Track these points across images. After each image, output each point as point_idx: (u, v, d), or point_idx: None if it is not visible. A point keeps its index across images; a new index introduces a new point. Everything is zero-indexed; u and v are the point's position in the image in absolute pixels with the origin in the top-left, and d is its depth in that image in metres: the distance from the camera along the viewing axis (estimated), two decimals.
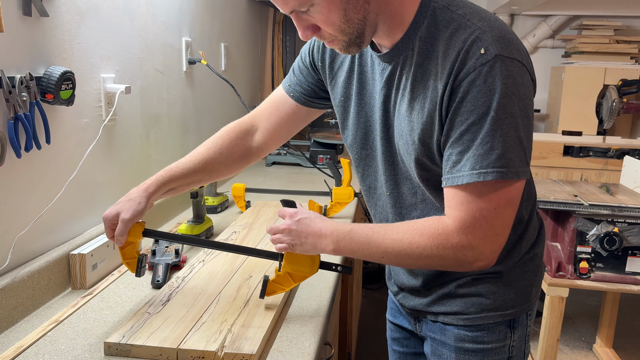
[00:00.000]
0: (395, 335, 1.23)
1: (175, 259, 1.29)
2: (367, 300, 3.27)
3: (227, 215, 1.81)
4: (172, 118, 1.82)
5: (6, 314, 1.02)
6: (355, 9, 0.82)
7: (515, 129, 0.79)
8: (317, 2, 0.81)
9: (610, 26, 3.65)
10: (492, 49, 0.78)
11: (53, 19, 1.16)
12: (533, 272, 1.02)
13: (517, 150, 0.80)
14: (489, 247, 0.85)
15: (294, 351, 0.95)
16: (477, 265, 0.87)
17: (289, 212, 0.99)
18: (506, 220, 0.84)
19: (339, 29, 0.84)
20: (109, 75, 1.38)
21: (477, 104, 0.79)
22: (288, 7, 0.83)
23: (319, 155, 2.60)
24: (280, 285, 1.03)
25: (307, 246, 0.96)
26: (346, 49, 0.88)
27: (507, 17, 3.92)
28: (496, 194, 0.81)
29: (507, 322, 1.00)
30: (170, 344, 0.91)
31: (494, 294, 0.98)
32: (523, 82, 0.80)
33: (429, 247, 0.86)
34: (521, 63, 0.80)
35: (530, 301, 1.02)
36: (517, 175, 0.81)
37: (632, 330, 2.96)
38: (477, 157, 0.80)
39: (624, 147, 3.34)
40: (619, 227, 1.90)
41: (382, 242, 0.89)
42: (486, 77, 0.78)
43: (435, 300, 1.02)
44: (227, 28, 2.38)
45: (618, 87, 3.45)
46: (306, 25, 0.86)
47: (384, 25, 0.88)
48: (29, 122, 1.05)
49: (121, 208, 1.00)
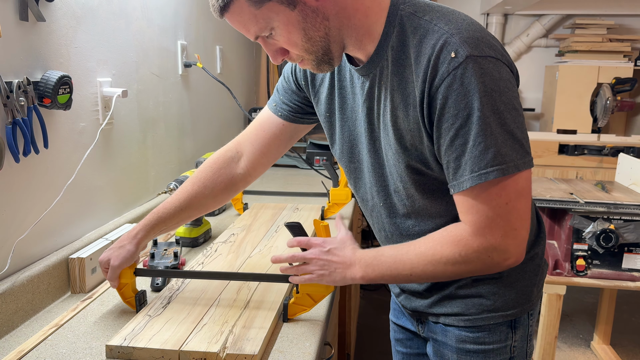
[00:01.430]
0: (398, 336, 1.23)
1: (174, 261, 1.29)
2: (366, 301, 3.28)
3: (224, 217, 1.82)
4: (168, 121, 1.82)
5: (6, 318, 1.02)
6: (314, 27, 0.83)
7: (503, 124, 0.79)
8: (276, 26, 0.83)
9: (603, 25, 3.68)
10: (462, 50, 0.78)
11: (50, 23, 1.16)
12: (533, 272, 1.02)
13: (511, 144, 0.80)
14: (512, 243, 0.84)
15: (295, 351, 0.95)
16: (507, 264, 0.85)
17: (316, 242, 0.96)
18: (521, 213, 0.83)
19: (303, 48, 0.86)
20: (105, 79, 1.39)
21: (460, 108, 0.79)
22: (251, 33, 0.86)
23: (315, 157, 2.60)
24: (301, 306, 1.04)
25: (336, 276, 0.95)
26: (318, 68, 0.90)
27: (501, 17, 3.95)
28: (503, 190, 0.81)
29: (508, 323, 1.00)
30: (172, 346, 0.91)
31: (494, 295, 0.98)
32: (501, 76, 0.80)
33: (453, 256, 0.85)
34: (495, 58, 0.80)
35: (531, 301, 1.02)
36: (517, 168, 0.80)
37: (629, 327, 2.98)
38: (474, 160, 0.80)
39: (618, 144, 3.36)
40: (614, 224, 1.91)
41: (408, 259, 0.89)
42: (462, 80, 0.78)
43: (435, 302, 1.02)
44: (222, 31, 2.39)
45: (612, 85, 3.48)
46: (274, 50, 0.88)
47: (351, 39, 0.88)
48: (27, 126, 1.05)
49: (111, 255, 1.06)
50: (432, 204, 0.94)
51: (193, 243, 1.51)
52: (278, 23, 0.83)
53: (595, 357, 2.63)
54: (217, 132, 2.35)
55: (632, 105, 3.63)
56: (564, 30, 3.96)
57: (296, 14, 0.82)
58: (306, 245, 0.97)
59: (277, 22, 0.83)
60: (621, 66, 3.53)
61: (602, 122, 3.53)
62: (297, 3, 0.81)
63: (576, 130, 3.56)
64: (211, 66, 2.25)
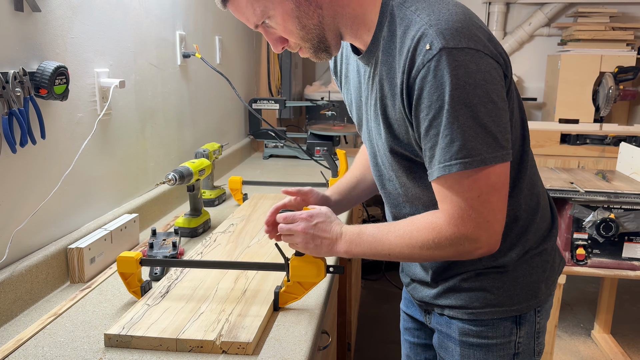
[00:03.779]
0: (407, 325, 1.23)
1: (173, 251, 1.29)
2: (367, 291, 3.29)
3: (224, 208, 1.82)
4: (167, 112, 1.82)
5: (5, 307, 1.02)
6: (308, 15, 0.87)
7: (474, 117, 0.78)
8: (272, 15, 0.88)
9: (606, 13, 3.64)
10: (437, 42, 0.78)
11: (45, 14, 1.16)
12: (541, 268, 1.00)
13: (482, 138, 0.79)
14: (484, 234, 0.85)
15: (291, 339, 0.95)
16: (478, 253, 0.87)
17: (302, 216, 0.98)
18: (494, 206, 0.84)
19: (298, 36, 0.90)
20: (102, 70, 1.38)
21: (432, 99, 0.80)
22: (250, 22, 0.91)
23: (315, 147, 2.60)
24: (292, 294, 1.05)
25: (321, 249, 0.98)
26: (316, 56, 0.94)
27: (503, 6, 3.92)
28: (475, 183, 0.81)
29: (513, 318, 0.99)
30: (170, 335, 0.92)
31: (498, 289, 0.97)
32: (479, 68, 0.78)
33: (427, 242, 0.87)
34: (474, 49, 0.78)
35: (538, 297, 1.00)
36: (483, 162, 0.80)
37: (630, 316, 2.98)
38: (441, 151, 0.81)
39: (620, 134, 3.35)
40: (615, 213, 1.91)
41: (387, 240, 0.91)
42: (435, 72, 0.78)
43: (441, 293, 1.02)
44: (222, 21, 2.38)
45: (614, 74, 3.45)
46: (275, 38, 0.93)
47: (346, 28, 0.91)
48: (23, 117, 1.05)
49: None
50: (424, 193, 0.94)
51: (192, 233, 1.51)
52: (274, 12, 0.87)
53: (596, 346, 2.64)
54: (216, 123, 2.35)
55: (634, 94, 3.61)
56: (566, 19, 3.93)
57: (290, 2, 0.86)
58: (292, 221, 0.99)
59: (273, 10, 0.87)
60: (624, 55, 3.50)
61: (605, 112, 3.50)
62: None
63: (578, 119, 3.54)
64: (210, 57, 2.24)
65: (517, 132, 0.93)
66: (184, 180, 1.42)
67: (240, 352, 0.90)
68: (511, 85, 0.88)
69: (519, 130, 0.94)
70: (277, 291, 1.05)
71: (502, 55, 0.84)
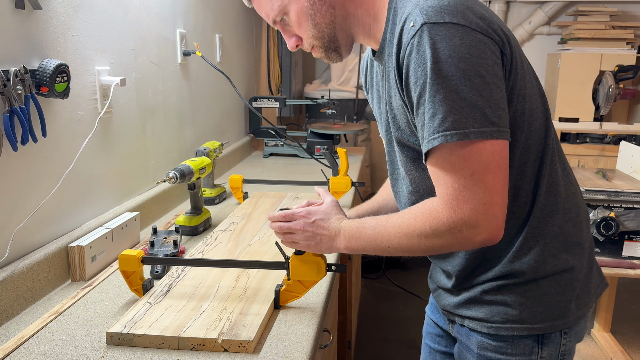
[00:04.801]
0: (430, 330, 1.21)
1: (174, 249, 1.29)
2: (367, 289, 3.29)
3: (225, 206, 1.82)
4: (167, 110, 1.82)
5: (6, 305, 1.02)
6: (321, 14, 0.92)
7: (457, 90, 0.76)
8: (288, 11, 0.93)
9: (606, 12, 3.64)
10: (419, 19, 0.78)
11: (46, 11, 1.15)
12: (570, 286, 0.93)
13: (467, 111, 0.76)
14: (483, 218, 0.79)
15: (292, 337, 0.95)
16: (478, 240, 0.81)
17: (300, 214, 0.98)
18: (490, 187, 0.79)
19: (310, 34, 0.94)
20: (103, 68, 1.38)
21: (417, 76, 0.79)
22: (270, 18, 0.96)
23: (316, 146, 2.60)
24: (293, 293, 1.05)
25: (322, 246, 0.97)
26: (327, 56, 0.97)
27: (503, 4, 3.91)
28: (465, 161, 0.78)
29: (535, 337, 0.93)
30: (172, 333, 0.92)
31: (520, 305, 0.92)
32: (464, 42, 0.77)
33: (424, 229, 0.84)
34: (458, 24, 0.77)
35: (566, 318, 0.93)
36: (467, 136, 0.76)
37: (629, 315, 2.99)
38: (426, 127, 0.80)
39: (620, 132, 3.35)
40: (615, 212, 1.91)
41: (386, 231, 0.89)
42: (418, 48, 0.78)
43: (462, 303, 0.99)
44: (222, 19, 2.37)
45: (614, 73, 3.45)
46: (291, 36, 0.98)
47: (359, 28, 0.94)
48: (24, 115, 1.05)
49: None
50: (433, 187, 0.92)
51: (193, 231, 1.51)
52: (290, 8, 0.93)
53: (596, 344, 2.64)
54: (216, 121, 2.35)
55: (634, 93, 3.61)
56: (566, 17, 3.93)
57: (305, 0, 0.91)
58: (290, 218, 0.99)
59: (289, 7, 0.93)
60: (624, 54, 3.50)
61: (605, 110, 3.50)
62: None
63: (578, 118, 3.54)
64: (211, 55, 2.24)
65: (538, 122, 0.89)
66: (184, 179, 1.42)
67: (242, 350, 0.90)
68: (516, 66, 0.84)
69: (541, 121, 0.90)
70: (277, 290, 1.05)
71: (497, 33, 0.80)
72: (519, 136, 0.87)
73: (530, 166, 0.90)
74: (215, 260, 1.21)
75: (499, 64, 0.80)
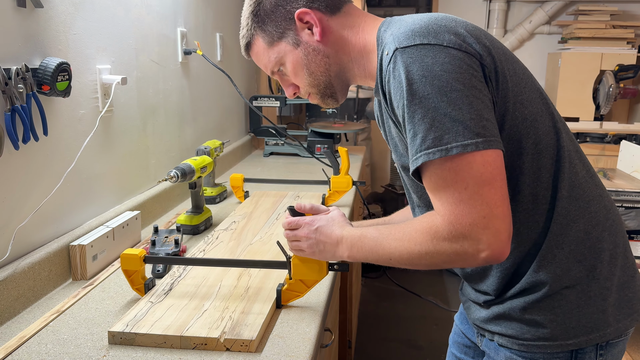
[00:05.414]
0: (457, 339, 1.19)
1: (175, 248, 1.29)
2: (367, 289, 3.29)
3: (225, 205, 1.82)
4: (168, 109, 1.81)
5: (8, 305, 1.02)
6: (316, 63, 0.95)
7: (434, 108, 0.76)
8: (284, 62, 0.97)
9: (607, 11, 3.64)
10: (392, 46, 0.81)
11: (47, 10, 1.15)
12: (600, 296, 0.89)
13: (447, 126, 0.76)
14: (484, 233, 0.76)
15: (295, 336, 0.95)
16: (482, 257, 0.78)
17: (305, 221, 0.99)
18: (488, 199, 0.76)
19: (307, 82, 0.98)
20: (104, 67, 1.38)
21: (397, 100, 0.81)
22: (268, 69, 1.00)
23: (316, 145, 2.60)
24: (295, 292, 1.05)
25: (326, 254, 0.97)
26: (323, 102, 1.01)
27: (504, 4, 3.91)
28: (456, 174, 0.77)
29: (568, 354, 0.90)
30: (174, 332, 0.92)
31: (551, 322, 0.89)
32: (436, 60, 0.77)
33: (425, 243, 0.82)
34: (429, 44, 0.78)
35: (601, 331, 0.89)
36: (448, 151, 0.76)
37: None
38: (409, 148, 0.81)
39: (621, 132, 3.35)
40: None
41: (387, 243, 0.87)
42: (394, 74, 0.81)
43: (492, 318, 0.96)
44: (222, 18, 2.37)
45: (615, 72, 3.45)
46: (288, 85, 1.02)
47: (353, 72, 0.97)
48: (26, 113, 1.05)
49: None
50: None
51: (194, 230, 1.51)
52: (286, 60, 0.97)
53: None
54: (217, 120, 2.35)
55: (635, 92, 3.61)
56: (567, 17, 3.93)
57: (300, 51, 0.95)
58: (296, 226, 1.00)
59: (285, 58, 0.97)
60: (624, 53, 3.50)
61: (605, 110, 3.50)
62: (300, 43, 0.94)
63: (579, 117, 3.54)
64: (211, 54, 2.23)
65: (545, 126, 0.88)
66: (185, 178, 1.41)
67: (244, 349, 0.90)
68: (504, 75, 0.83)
69: (548, 125, 0.89)
70: (279, 289, 1.05)
71: (472, 47, 0.80)
72: (526, 143, 0.86)
73: (545, 171, 0.88)
74: (217, 260, 1.22)
75: (478, 76, 0.80)
